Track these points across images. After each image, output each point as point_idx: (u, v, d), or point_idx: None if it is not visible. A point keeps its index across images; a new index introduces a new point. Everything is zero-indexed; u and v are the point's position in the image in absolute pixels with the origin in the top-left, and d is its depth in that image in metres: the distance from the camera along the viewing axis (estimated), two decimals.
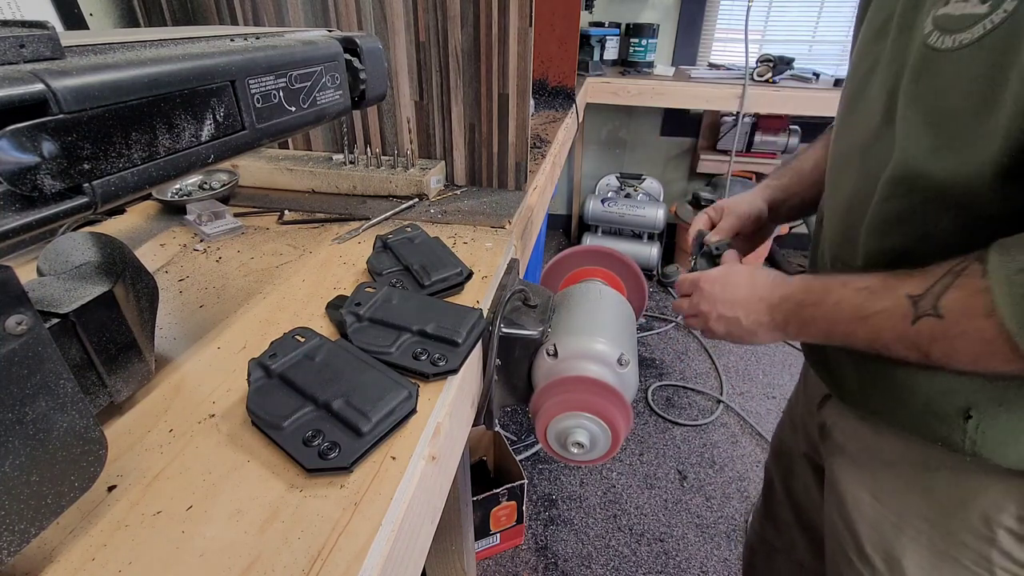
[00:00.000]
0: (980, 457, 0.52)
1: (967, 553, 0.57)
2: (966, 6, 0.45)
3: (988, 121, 0.44)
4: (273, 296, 0.62)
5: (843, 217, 0.61)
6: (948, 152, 0.47)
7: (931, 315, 0.46)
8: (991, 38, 0.43)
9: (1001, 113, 0.43)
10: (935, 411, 0.55)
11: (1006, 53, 0.42)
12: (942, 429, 0.54)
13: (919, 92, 0.50)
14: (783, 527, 0.92)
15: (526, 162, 0.94)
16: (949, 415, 0.54)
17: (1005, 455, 0.51)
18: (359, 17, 0.87)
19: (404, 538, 0.38)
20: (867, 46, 0.59)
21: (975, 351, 0.45)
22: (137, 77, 0.32)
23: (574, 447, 0.58)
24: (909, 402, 0.56)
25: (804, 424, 0.82)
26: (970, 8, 0.44)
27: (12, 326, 0.28)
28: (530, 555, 1.52)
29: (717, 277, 0.66)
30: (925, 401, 0.55)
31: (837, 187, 0.64)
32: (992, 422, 0.51)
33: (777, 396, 2.09)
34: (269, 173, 0.95)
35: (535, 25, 0.84)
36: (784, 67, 2.32)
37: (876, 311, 0.50)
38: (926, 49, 0.48)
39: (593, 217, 2.79)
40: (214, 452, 0.41)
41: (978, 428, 0.52)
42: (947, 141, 0.47)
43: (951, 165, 0.47)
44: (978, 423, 0.52)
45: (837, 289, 0.54)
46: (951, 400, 0.53)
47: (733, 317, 0.63)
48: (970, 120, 0.45)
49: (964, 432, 0.53)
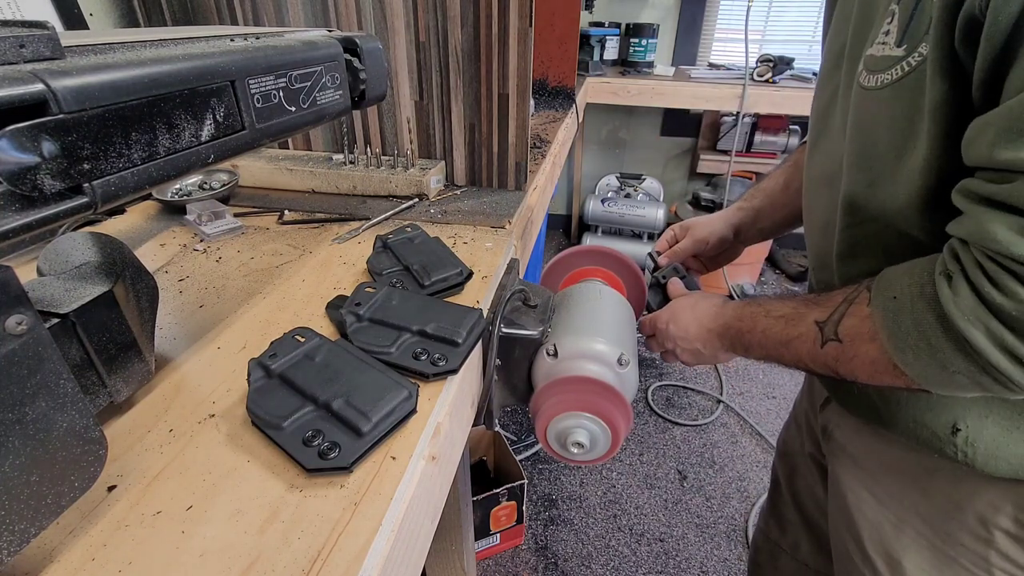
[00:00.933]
0: (974, 468, 0.53)
1: (966, 554, 0.57)
2: (884, 48, 0.47)
3: (910, 159, 0.46)
4: (273, 296, 0.62)
5: (818, 241, 0.64)
6: (880, 186, 0.50)
7: (833, 340, 0.50)
8: (909, 80, 0.45)
9: (920, 150, 0.45)
10: (925, 424, 0.55)
11: (922, 94, 0.44)
12: (934, 441, 0.55)
13: (856, 129, 0.52)
14: (788, 526, 0.92)
15: (526, 162, 0.94)
16: (938, 429, 0.54)
17: (996, 466, 0.52)
18: (359, 17, 0.87)
19: (404, 538, 0.38)
20: (828, 72, 0.60)
21: (868, 370, 0.49)
22: (137, 77, 0.32)
23: (574, 447, 0.58)
24: (899, 416, 0.57)
25: (808, 424, 0.83)
26: (888, 51, 0.46)
27: (12, 326, 0.28)
28: (530, 555, 1.52)
29: (668, 317, 0.70)
30: (913, 416, 0.56)
31: (812, 212, 0.66)
32: (980, 434, 0.52)
33: (777, 396, 2.09)
34: (269, 173, 0.95)
35: (535, 25, 0.84)
36: (784, 67, 2.32)
37: (794, 337, 0.54)
38: (859, 87, 0.50)
39: (593, 217, 2.79)
40: (214, 452, 0.41)
41: (967, 441, 0.53)
42: (877, 176, 0.50)
43: (883, 198, 0.50)
44: (967, 436, 0.53)
45: (762, 319, 0.58)
46: (938, 415, 0.54)
47: (694, 350, 0.68)
48: (895, 157, 0.48)
49: (955, 445, 0.54)
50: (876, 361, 0.47)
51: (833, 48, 0.59)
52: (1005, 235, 0.37)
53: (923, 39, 0.43)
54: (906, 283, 0.45)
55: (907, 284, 0.45)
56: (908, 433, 0.57)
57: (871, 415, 0.61)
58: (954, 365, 0.42)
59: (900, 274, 0.47)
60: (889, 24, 0.46)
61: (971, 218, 0.41)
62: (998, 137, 0.37)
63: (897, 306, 0.45)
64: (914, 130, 0.45)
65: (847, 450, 0.68)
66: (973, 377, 0.42)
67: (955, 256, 0.42)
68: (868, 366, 0.48)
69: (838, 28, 0.58)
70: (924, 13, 0.43)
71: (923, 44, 0.43)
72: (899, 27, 0.45)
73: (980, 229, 0.39)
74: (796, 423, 0.88)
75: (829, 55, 0.60)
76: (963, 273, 0.41)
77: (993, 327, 0.39)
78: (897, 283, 0.46)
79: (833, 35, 0.59)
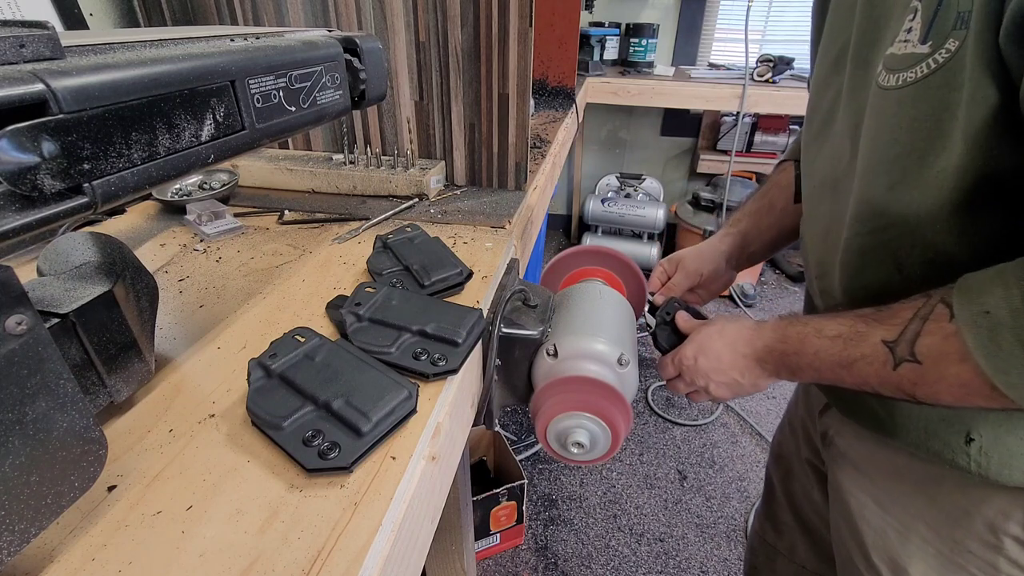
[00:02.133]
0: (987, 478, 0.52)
1: (974, 561, 0.56)
2: (907, 46, 0.45)
3: (940, 159, 0.44)
4: (273, 296, 0.62)
5: (821, 249, 0.62)
6: (904, 189, 0.48)
7: (910, 361, 0.46)
8: (936, 77, 0.43)
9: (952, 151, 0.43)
10: (937, 435, 0.54)
11: (953, 91, 0.42)
12: (946, 452, 0.54)
13: (874, 130, 0.50)
14: (783, 529, 0.92)
15: (526, 162, 0.94)
16: (951, 439, 0.53)
17: (1011, 475, 0.51)
18: (359, 17, 0.87)
19: (404, 538, 0.38)
20: (826, 77, 0.59)
21: (957, 393, 0.45)
22: (137, 77, 0.32)
23: (574, 447, 0.58)
24: (908, 426, 0.56)
25: (805, 429, 0.82)
26: (911, 48, 0.45)
27: (12, 326, 0.28)
28: (530, 555, 1.52)
29: (694, 351, 0.64)
30: (924, 426, 0.55)
31: (813, 219, 0.64)
32: (995, 444, 0.51)
33: (777, 396, 2.09)
34: (269, 173, 0.95)
35: (535, 25, 0.84)
36: (784, 67, 2.32)
37: (856, 358, 0.50)
38: (877, 88, 0.48)
39: (593, 217, 2.78)
40: (214, 452, 0.41)
41: (981, 450, 0.51)
42: (901, 178, 0.48)
43: (908, 202, 0.47)
44: (981, 445, 0.51)
45: (812, 339, 0.53)
46: (951, 425, 0.53)
47: (731, 381, 0.62)
48: (921, 158, 0.45)
49: (968, 455, 0.52)
50: (968, 384, 0.43)
51: (830, 53, 0.58)
52: None
53: (950, 35, 0.41)
54: (1000, 295, 0.40)
55: (1001, 296, 0.40)
56: (917, 443, 0.56)
57: (875, 424, 0.60)
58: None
59: (987, 284, 0.42)
60: (911, 21, 0.45)
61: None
62: None
63: (992, 322, 0.40)
64: (942, 130, 0.43)
65: (848, 456, 0.67)
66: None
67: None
68: (957, 389, 0.44)
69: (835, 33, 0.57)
70: (950, 8, 0.41)
71: (951, 40, 0.41)
72: (923, 24, 0.43)
73: None
74: (791, 427, 0.88)
75: (824, 60, 0.59)
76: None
77: None
78: (988, 295, 0.41)
79: (828, 40, 0.59)
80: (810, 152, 0.64)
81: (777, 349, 0.57)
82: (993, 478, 0.52)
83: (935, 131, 0.44)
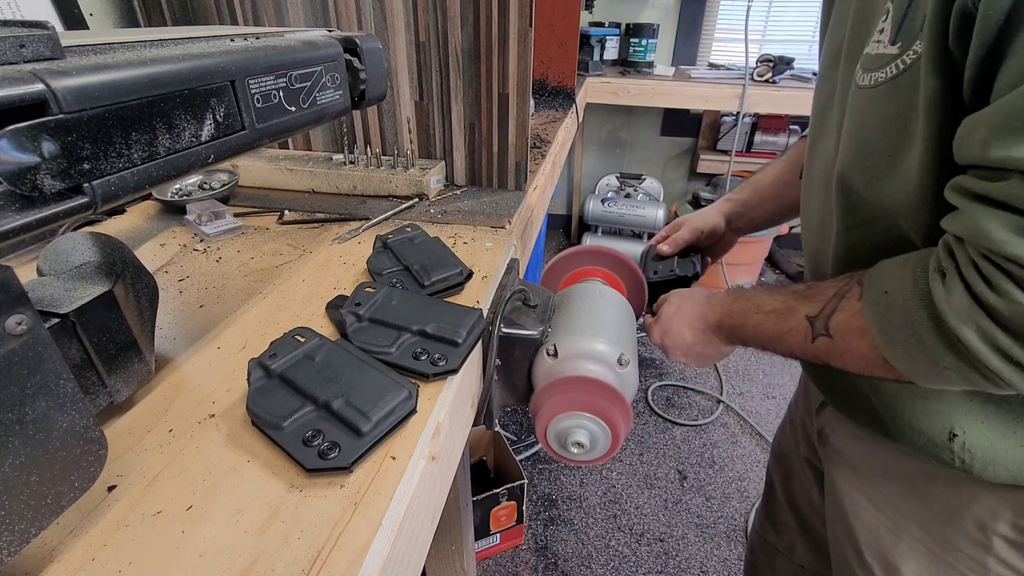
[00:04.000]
0: (971, 474, 0.53)
1: (964, 560, 0.57)
2: (879, 47, 0.47)
3: (907, 157, 0.46)
4: (273, 296, 0.62)
5: (814, 242, 0.64)
6: (879, 185, 0.50)
7: (824, 335, 0.51)
8: (903, 78, 0.44)
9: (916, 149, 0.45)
10: (921, 431, 0.55)
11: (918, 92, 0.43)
12: (931, 448, 0.55)
13: (852, 127, 0.52)
14: (783, 529, 0.92)
15: (526, 162, 0.94)
16: (934, 435, 0.54)
17: (995, 473, 0.52)
18: (359, 17, 0.87)
19: (404, 538, 0.38)
20: (826, 71, 0.60)
21: (859, 364, 0.49)
22: (137, 77, 0.32)
23: (574, 447, 0.58)
24: (897, 422, 0.57)
25: (804, 428, 0.82)
26: (882, 49, 0.46)
27: (12, 326, 0.28)
28: (530, 555, 1.52)
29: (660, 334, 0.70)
30: (910, 422, 0.56)
31: (808, 212, 0.66)
32: (976, 440, 0.52)
33: (777, 396, 2.09)
34: (269, 173, 0.95)
35: (535, 25, 0.84)
36: (784, 67, 2.32)
37: (785, 332, 0.55)
38: (854, 86, 0.50)
39: (593, 217, 2.78)
40: (214, 452, 0.41)
41: (964, 447, 0.53)
42: (876, 174, 0.50)
43: (884, 197, 0.50)
44: (964, 442, 0.53)
45: (752, 315, 0.59)
46: (934, 420, 0.54)
47: (696, 354, 0.68)
48: (889, 156, 0.48)
49: (952, 452, 0.53)
50: (866, 356, 0.48)
51: (831, 48, 0.59)
52: (1000, 234, 0.37)
53: (917, 37, 0.43)
54: (898, 278, 0.45)
55: (899, 279, 0.45)
56: (905, 439, 0.57)
57: (868, 420, 0.61)
58: (944, 361, 0.42)
59: (893, 268, 0.47)
60: (884, 22, 0.46)
61: (965, 215, 0.40)
62: (990, 135, 0.37)
63: (888, 302, 0.45)
64: (909, 129, 0.45)
65: (843, 455, 0.68)
66: (962, 373, 0.42)
67: (950, 253, 0.42)
68: (859, 360, 0.49)
69: (835, 28, 0.57)
70: (918, 10, 0.42)
71: (917, 42, 0.43)
72: (893, 25, 0.45)
73: (975, 227, 0.39)
74: (792, 425, 0.88)
75: (827, 55, 0.60)
76: (957, 271, 0.40)
77: (985, 326, 0.39)
78: (889, 278, 0.46)
79: (831, 35, 0.59)
80: (810, 147, 0.65)
81: (726, 323, 0.63)
82: (977, 475, 0.52)
83: (903, 130, 0.46)
